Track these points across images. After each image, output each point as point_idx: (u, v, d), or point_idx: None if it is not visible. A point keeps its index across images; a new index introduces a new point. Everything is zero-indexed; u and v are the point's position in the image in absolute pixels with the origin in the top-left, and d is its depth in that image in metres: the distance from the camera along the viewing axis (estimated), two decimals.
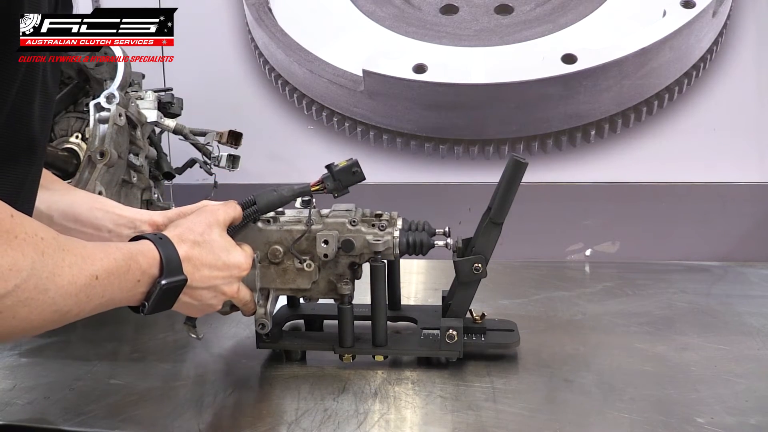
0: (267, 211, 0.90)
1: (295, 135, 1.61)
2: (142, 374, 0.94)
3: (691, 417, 0.78)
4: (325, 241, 0.88)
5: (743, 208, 1.48)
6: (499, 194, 0.88)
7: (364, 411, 0.81)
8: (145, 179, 1.28)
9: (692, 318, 1.11)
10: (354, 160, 0.90)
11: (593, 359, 0.95)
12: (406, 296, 1.18)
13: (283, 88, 1.60)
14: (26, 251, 0.55)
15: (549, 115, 1.49)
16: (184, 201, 1.51)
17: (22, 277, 0.54)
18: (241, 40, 1.62)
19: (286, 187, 0.92)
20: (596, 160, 1.52)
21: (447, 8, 1.54)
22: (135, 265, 0.69)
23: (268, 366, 0.96)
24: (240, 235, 0.90)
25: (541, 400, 0.84)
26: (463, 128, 1.53)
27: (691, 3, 1.44)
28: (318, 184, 0.90)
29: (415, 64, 1.51)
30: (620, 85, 1.46)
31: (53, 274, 0.58)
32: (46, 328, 0.61)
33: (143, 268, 0.70)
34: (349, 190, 0.91)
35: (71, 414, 0.83)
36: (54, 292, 0.58)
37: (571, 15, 1.49)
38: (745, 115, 1.46)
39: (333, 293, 0.92)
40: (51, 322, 0.60)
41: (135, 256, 0.69)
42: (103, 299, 0.65)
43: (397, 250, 0.89)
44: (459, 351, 0.91)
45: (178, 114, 1.38)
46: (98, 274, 0.63)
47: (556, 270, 1.44)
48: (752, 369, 0.91)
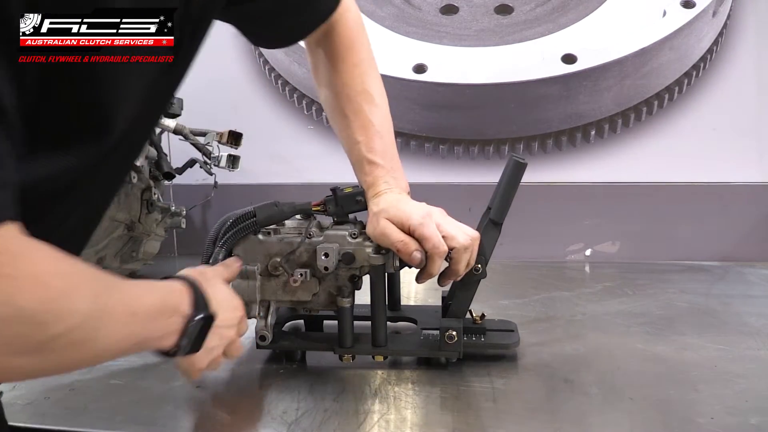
0: (266, 224, 0.90)
1: (295, 135, 1.61)
2: (142, 374, 0.94)
3: (691, 417, 0.78)
4: (325, 254, 0.88)
5: (743, 208, 1.48)
6: (499, 194, 0.88)
7: (364, 411, 0.81)
8: (145, 179, 1.28)
9: (692, 318, 1.11)
10: (360, 189, 0.91)
11: (593, 359, 0.95)
12: (406, 296, 1.18)
13: (283, 88, 1.60)
14: (86, 295, 0.55)
15: (549, 115, 1.49)
16: (184, 201, 1.52)
17: (77, 319, 0.54)
18: (241, 40, 1.61)
19: (287, 203, 0.92)
20: (596, 160, 1.52)
21: (447, 8, 1.54)
22: (167, 303, 0.68)
23: (268, 366, 0.95)
24: (240, 246, 0.90)
25: (541, 400, 0.84)
26: (463, 128, 1.53)
27: (691, 3, 1.44)
28: (320, 204, 0.91)
29: (415, 64, 1.51)
30: (620, 85, 1.46)
31: (105, 312, 0.57)
32: (79, 368, 0.61)
33: (174, 306, 0.68)
34: (349, 217, 0.92)
35: (71, 414, 0.83)
36: (103, 333, 0.57)
37: (571, 15, 1.49)
38: (745, 115, 1.47)
39: (333, 305, 0.92)
40: (86, 364, 0.60)
41: (164, 296, 0.68)
42: (139, 338, 0.63)
43: (398, 262, 0.90)
44: (459, 351, 0.91)
45: (178, 114, 1.38)
46: (137, 311, 0.62)
47: (556, 270, 1.44)
48: (752, 369, 0.91)
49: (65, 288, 0.53)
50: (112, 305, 0.59)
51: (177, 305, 0.69)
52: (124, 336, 0.61)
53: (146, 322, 0.64)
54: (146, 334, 0.64)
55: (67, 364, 0.58)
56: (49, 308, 0.51)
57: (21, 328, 0.50)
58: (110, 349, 0.60)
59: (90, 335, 0.56)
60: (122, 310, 0.60)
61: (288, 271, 0.89)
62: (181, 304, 0.69)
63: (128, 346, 0.62)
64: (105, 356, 0.60)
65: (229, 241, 0.89)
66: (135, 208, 1.27)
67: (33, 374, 0.56)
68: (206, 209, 1.63)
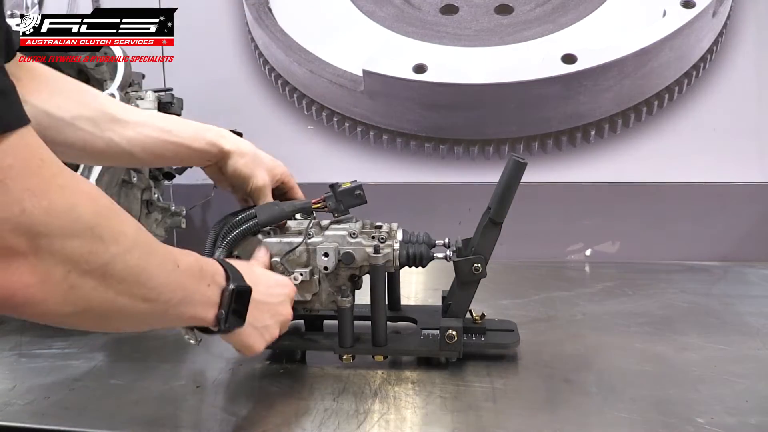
0: (267, 224, 0.90)
1: (295, 135, 1.61)
2: (142, 374, 0.94)
3: (691, 417, 0.78)
4: (325, 254, 0.88)
5: (743, 208, 1.48)
6: (499, 194, 0.88)
7: (364, 411, 0.81)
8: (145, 179, 1.28)
9: (692, 318, 1.11)
10: (358, 184, 0.92)
11: (593, 359, 0.95)
12: (406, 296, 1.18)
13: (283, 88, 1.60)
14: (130, 221, 0.55)
15: (549, 115, 1.49)
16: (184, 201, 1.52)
17: (129, 242, 0.53)
18: (241, 40, 1.62)
19: (288, 202, 0.93)
20: (596, 160, 1.52)
21: (447, 8, 1.54)
22: (205, 268, 0.68)
23: (268, 366, 0.96)
24: (240, 247, 0.90)
25: (541, 400, 0.84)
26: (463, 128, 1.53)
27: (691, 3, 1.44)
28: (319, 201, 0.92)
29: (415, 64, 1.50)
30: (620, 85, 1.46)
31: (150, 247, 0.57)
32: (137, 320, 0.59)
33: (211, 274, 0.69)
34: (349, 211, 0.93)
35: (71, 414, 0.83)
36: (154, 266, 0.57)
37: (571, 15, 1.49)
38: (745, 115, 1.46)
39: (334, 305, 0.92)
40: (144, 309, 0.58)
41: (201, 262, 0.68)
42: (184, 294, 0.63)
43: (397, 262, 0.90)
44: (459, 351, 0.91)
45: (178, 114, 1.38)
46: (179, 263, 0.62)
47: (556, 270, 1.44)
48: (752, 369, 0.91)
49: (112, 207, 0.53)
50: (154, 244, 0.59)
51: (214, 274, 0.69)
52: (172, 282, 0.60)
53: (189, 278, 0.64)
54: (191, 290, 0.64)
55: (128, 303, 0.56)
56: (105, 224, 0.51)
57: (83, 243, 0.49)
58: (163, 292, 0.59)
59: (142, 263, 0.56)
60: (164, 253, 0.60)
61: (288, 271, 0.90)
62: (217, 274, 0.70)
63: (177, 299, 0.62)
64: (159, 301, 0.59)
65: (230, 243, 0.89)
66: (135, 208, 1.27)
67: (99, 305, 0.53)
68: (206, 209, 1.63)
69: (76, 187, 0.50)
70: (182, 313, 0.65)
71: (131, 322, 0.60)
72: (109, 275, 0.52)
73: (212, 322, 0.70)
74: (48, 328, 1.13)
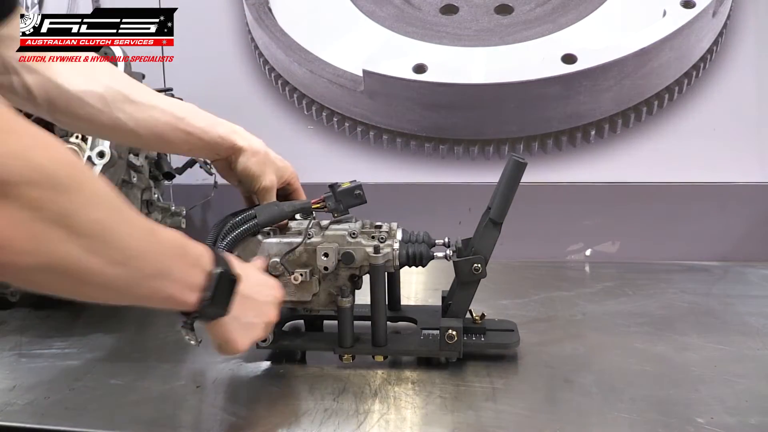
0: (267, 225, 0.90)
1: (295, 135, 1.61)
2: (142, 374, 0.94)
3: (691, 417, 0.78)
4: (325, 254, 0.88)
5: (743, 208, 1.48)
6: (499, 194, 0.88)
7: (364, 411, 0.81)
8: (145, 179, 1.28)
9: (692, 318, 1.11)
10: (357, 183, 0.92)
11: (593, 359, 0.95)
12: (406, 296, 1.18)
13: (283, 88, 1.60)
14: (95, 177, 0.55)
15: (549, 115, 1.49)
16: (184, 201, 1.52)
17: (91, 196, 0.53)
18: (241, 40, 1.62)
19: (287, 203, 0.93)
20: (596, 160, 1.51)
21: (447, 8, 1.54)
22: (190, 248, 0.66)
23: (267, 366, 0.96)
24: (240, 247, 0.90)
25: (541, 400, 0.84)
26: (463, 128, 1.53)
27: (691, 3, 1.44)
28: (319, 201, 0.92)
29: (415, 64, 1.50)
30: (620, 85, 1.46)
31: (120, 207, 0.56)
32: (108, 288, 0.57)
33: (196, 255, 0.67)
34: (349, 211, 0.92)
35: (71, 414, 0.83)
36: (121, 225, 0.56)
37: (571, 15, 1.49)
38: (745, 115, 1.46)
39: (334, 305, 0.92)
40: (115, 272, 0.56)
41: (186, 241, 0.66)
42: (160, 266, 0.61)
43: (397, 262, 0.90)
44: (459, 351, 0.91)
45: None
46: (156, 234, 0.60)
47: (556, 270, 1.44)
48: (752, 369, 0.91)
49: (73, 158, 0.52)
50: (125, 206, 0.57)
51: (199, 256, 0.67)
52: (145, 249, 0.59)
53: (168, 251, 0.62)
54: (168, 264, 0.62)
55: (95, 264, 0.54)
56: (64, 172, 0.51)
57: (43, 191, 0.49)
58: (133, 257, 0.57)
59: (109, 220, 0.54)
60: (137, 218, 0.59)
61: (288, 271, 0.90)
62: (203, 256, 0.68)
63: (151, 269, 0.60)
64: (129, 266, 0.57)
65: (230, 243, 0.89)
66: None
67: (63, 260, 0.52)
68: (206, 209, 1.63)
69: (34, 134, 0.49)
70: (158, 289, 0.62)
71: (102, 289, 0.58)
72: (73, 227, 0.51)
73: (193, 306, 0.67)
74: (48, 328, 1.13)
